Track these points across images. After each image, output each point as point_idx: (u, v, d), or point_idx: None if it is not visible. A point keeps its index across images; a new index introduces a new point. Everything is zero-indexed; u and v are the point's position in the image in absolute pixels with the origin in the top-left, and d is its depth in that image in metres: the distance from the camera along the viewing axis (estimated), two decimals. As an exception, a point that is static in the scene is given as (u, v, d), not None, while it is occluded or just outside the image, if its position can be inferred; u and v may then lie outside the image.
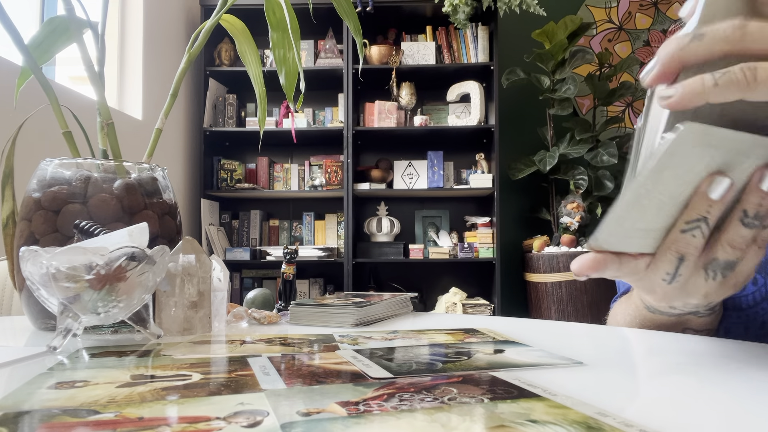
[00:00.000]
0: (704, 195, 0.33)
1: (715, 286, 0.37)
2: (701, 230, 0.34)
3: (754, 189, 0.33)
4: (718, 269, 0.36)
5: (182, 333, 0.53)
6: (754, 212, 0.33)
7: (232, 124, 2.97)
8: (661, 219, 0.34)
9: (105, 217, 0.53)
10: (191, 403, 0.29)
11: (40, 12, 2.10)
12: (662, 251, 0.35)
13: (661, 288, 0.37)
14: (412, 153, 3.13)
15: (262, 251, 2.89)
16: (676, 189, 0.33)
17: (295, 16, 0.68)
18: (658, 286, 0.37)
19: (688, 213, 0.34)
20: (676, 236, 0.34)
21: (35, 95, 0.92)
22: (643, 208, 0.33)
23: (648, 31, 3.24)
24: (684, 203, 0.34)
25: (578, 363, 0.39)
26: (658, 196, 0.33)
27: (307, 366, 0.38)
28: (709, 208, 0.33)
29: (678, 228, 0.34)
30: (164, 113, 0.66)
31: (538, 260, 2.71)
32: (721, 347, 0.44)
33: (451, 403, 0.29)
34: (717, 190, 0.32)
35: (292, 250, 0.73)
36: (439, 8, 2.80)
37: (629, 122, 3.22)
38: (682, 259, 0.35)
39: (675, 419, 0.27)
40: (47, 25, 0.65)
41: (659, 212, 0.34)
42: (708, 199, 0.33)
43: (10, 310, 0.95)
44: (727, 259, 0.35)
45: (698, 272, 0.36)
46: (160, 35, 2.64)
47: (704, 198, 0.33)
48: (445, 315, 0.69)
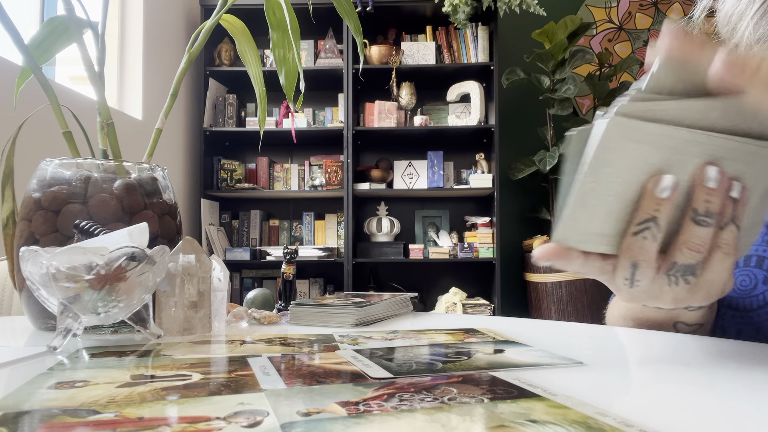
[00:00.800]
0: (651, 194, 0.33)
1: (684, 292, 0.37)
2: (652, 232, 0.34)
3: (699, 186, 0.34)
4: (679, 274, 0.36)
5: (182, 333, 0.53)
6: (704, 209, 0.34)
7: (232, 124, 2.97)
8: (614, 222, 0.35)
9: (105, 217, 0.53)
10: (191, 403, 0.29)
11: (40, 12, 2.10)
12: (619, 256, 0.36)
13: (625, 290, 0.38)
14: (412, 153, 3.13)
15: (262, 251, 2.89)
16: (620, 189, 0.33)
17: (295, 16, 0.68)
18: (621, 288, 0.38)
19: (637, 214, 0.34)
20: (629, 241, 0.35)
21: (35, 95, 0.92)
22: (592, 208, 0.34)
23: (648, 31, 3.24)
24: (633, 206, 0.34)
25: (578, 363, 0.39)
26: (604, 196, 0.33)
27: (307, 366, 0.38)
28: (658, 206, 0.34)
29: (630, 231, 0.35)
30: (164, 113, 0.66)
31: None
32: (721, 347, 0.44)
33: (451, 403, 0.29)
34: (662, 187, 0.33)
35: (292, 250, 0.73)
36: (439, 8, 2.80)
37: (629, 122, 3.21)
38: (636, 266, 0.35)
39: (675, 419, 0.27)
40: (47, 25, 0.65)
41: (609, 214, 0.34)
42: (655, 198, 0.33)
43: (10, 310, 0.95)
44: (686, 262, 0.35)
45: (661, 278, 0.36)
46: (160, 35, 2.64)
47: (651, 197, 0.33)
48: (445, 315, 0.69)
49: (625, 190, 0.34)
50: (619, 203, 0.34)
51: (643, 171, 0.33)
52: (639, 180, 0.33)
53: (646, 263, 0.35)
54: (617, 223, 0.35)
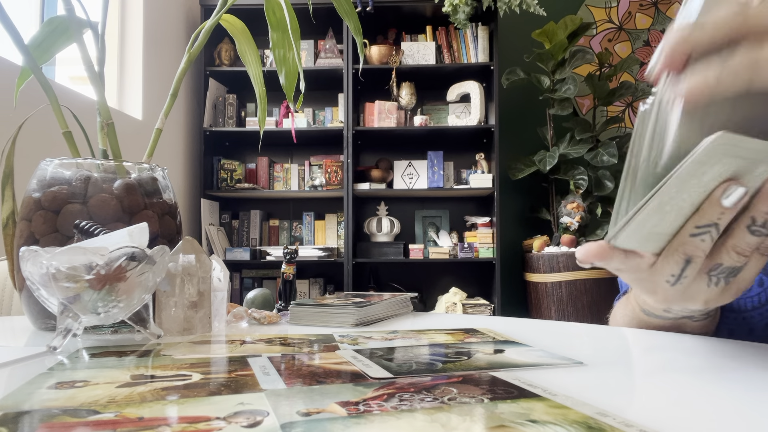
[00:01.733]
0: (717, 202, 0.32)
1: (717, 292, 0.36)
2: (711, 235, 0.33)
3: (765, 198, 0.32)
4: (722, 275, 0.35)
5: (182, 333, 0.53)
6: (763, 220, 0.33)
7: (232, 124, 2.97)
8: (676, 222, 0.34)
9: (105, 217, 0.53)
10: (191, 403, 0.29)
11: (40, 12, 2.10)
12: (669, 252, 0.35)
13: (663, 289, 0.37)
14: (412, 153, 3.13)
15: (262, 251, 2.89)
16: (695, 195, 0.32)
17: (295, 16, 0.68)
18: (660, 287, 0.36)
19: (699, 218, 0.33)
20: (684, 239, 0.34)
21: (35, 95, 0.92)
22: (665, 213, 0.33)
23: (648, 31, 3.24)
24: (697, 207, 0.33)
25: (578, 363, 0.39)
26: (679, 202, 0.32)
27: (307, 366, 0.38)
28: (721, 215, 0.32)
29: (687, 231, 0.34)
30: (164, 113, 0.66)
31: (538, 260, 2.71)
32: (720, 347, 0.44)
33: (451, 403, 0.29)
34: (731, 198, 0.32)
35: (292, 250, 0.73)
36: (439, 8, 2.80)
37: (629, 122, 3.22)
38: (689, 261, 0.34)
39: (675, 419, 0.27)
40: (47, 25, 0.65)
41: (675, 219, 0.33)
42: (721, 206, 0.32)
43: (10, 310, 0.95)
44: (731, 265, 0.35)
45: (701, 277, 0.36)
46: (160, 35, 2.64)
47: (717, 205, 0.32)
48: (445, 315, 0.69)
49: (695, 198, 0.33)
50: (689, 208, 0.33)
51: (717, 179, 0.32)
52: (710, 187, 0.32)
53: (699, 259, 0.34)
54: (675, 224, 0.34)
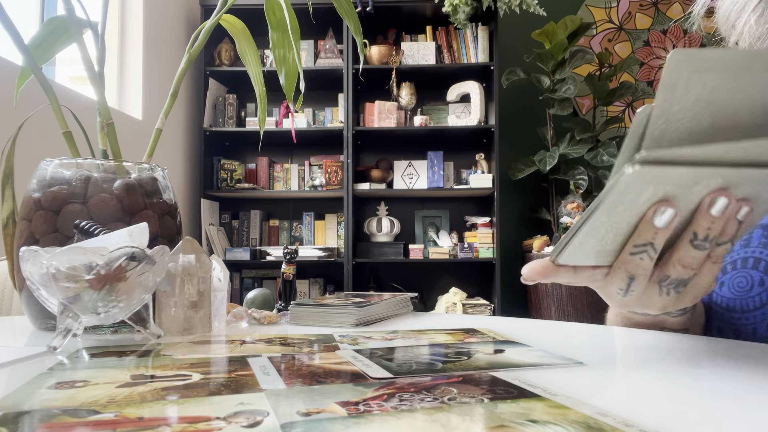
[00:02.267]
0: (650, 222, 0.34)
1: (671, 300, 0.38)
2: (648, 254, 0.35)
3: (704, 213, 0.33)
4: (671, 286, 0.37)
5: (182, 333, 0.53)
6: (704, 235, 0.34)
7: (232, 124, 2.97)
8: (615, 241, 0.36)
9: (105, 217, 0.53)
10: (191, 403, 0.29)
11: (40, 12, 2.10)
12: (615, 269, 0.37)
13: (617, 299, 0.39)
14: (412, 153, 3.13)
15: (262, 251, 2.89)
16: (629, 218, 0.34)
17: (295, 16, 0.68)
18: (614, 296, 0.39)
19: (635, 237, 0.35)
20: (626, 257, 0.36)
21: (35, 95, 0.92)
22: (600, 235, 0.35)
23: (648, 31, 3.24)
24: (633, 227, 0.35)
25: (578, 363, 0.39)
26: (613, 225, 0.34)
27: (307, 366, 0.38)
28: (655, 234, 0.34)
29: (627, 250, 0.36)
30: (164, 113, 0.66)
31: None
32: (720, 347, 0.44)
33: (451, 403, 0.29)
34: (662, 219, 0.33)
35: (292, 250, 0.73)
36: (439, 8, 2.80)
37: (629, 122, 3.22)
38: (633, 278, 0.36)
39: (674, 419, 0.27)
40: (47, 25, 0.65)
41: (613, 238, 0.35)
42: (654, 226, 0.34)
43: (10, 310, 0.95)
44: (678, 277, 0.36)
45: (652, 287, 0.37)
46: (160, 35, 2.64)
47: (650, 225, 0.34)
48: (445, 315, 0.69)
49: (631, 218, 0.34)
50: (624, 229, 0.35)
51: (650, 201, 0.33)
52: (644, 208, 0.33)
53: (642, 276, 0.36)
54: (616, 242, 0.36)
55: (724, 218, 0.33)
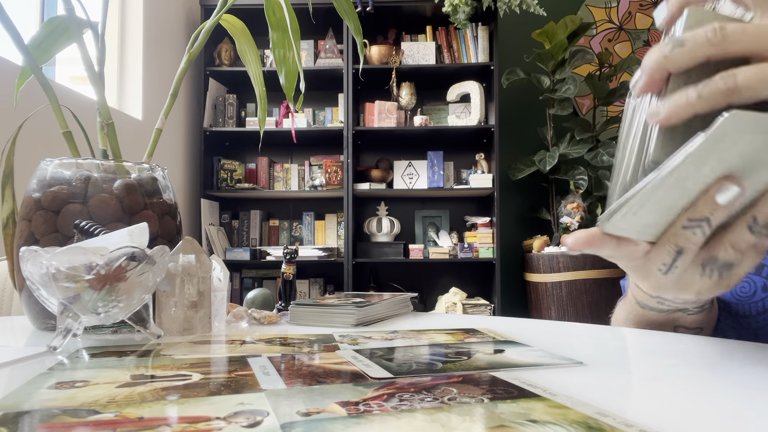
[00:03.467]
0: (711, 197, 0.32)
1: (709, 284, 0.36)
2: (702, 229, 0.34)
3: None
4: (716, 268, 0.35)
5: (182, 333, 0.53)
6: (765, 221, 0.33)
7: (232, 124, 2.97)
8: (671, 213, 0.34)
9: (105, 217, 0.53)
10: (191, 403, 0.29)
11: (40, 12, 2.10)
12: (662, 242, 0.35)
13: (655, 277, 0.37)
14: (412, 153, 3.13)
15: (262, 251, 2.89)
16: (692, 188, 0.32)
17: (295, 16, 0.68)
18: (652, 274, 0.37)
19: (692, 211, 0.33)
20: (677, 230, 0.34)
21: (35, 95, 0.92)
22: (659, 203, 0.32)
23: (648, 31, 3.24)
24: (692, 200, 0.33)
25: (578, 363, 0.39)
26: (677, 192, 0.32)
27: (307, 366, 0.38)
28: (714, 211, 0.33)
29: (680, 223, 0.34)
30: (164, 113, 0.66)
31: (538, 260, 2.71)
32: (721, 347, 0.44)
33: (451, 403, 0.29)
34: (724, 195, 0.32)
35: (292, 250, 0.73)
36: (439, 8, 2.80)
37: (629, 122, 3.21)
38: (681, 252, 0.35)
39: (675, 419, 0.27)
40: (47, 25, 0.65)
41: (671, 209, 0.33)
42: (714, 202, 0.32)
43: (10, 310, 0.95)
44: (727, 260, 0.35)
45: (695, 268, 0.36)
46: (160, 35, 2.64)
47: (710, 200, 0.32)
48: (445, 315, 0.69)
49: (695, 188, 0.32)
50: (685, 200, 0.33)
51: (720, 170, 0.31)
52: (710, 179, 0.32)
53: (690, 252, 0.35)
54: (672, 214, 0.34)
55: None
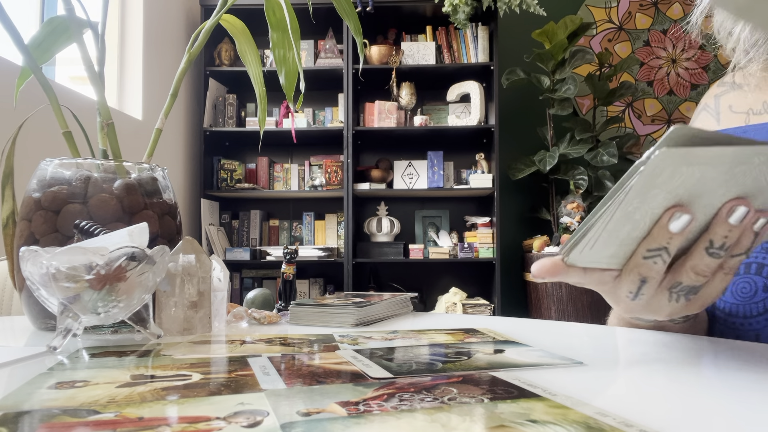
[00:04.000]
0: (664, 227, 0.33)
1: (679, 306, 0.38)
2: (662, 258, 0.35)
3: (722, 222, 0.33)
4: (682, 293, 0.37)
5: (182, 333, 0.53)
6: (720, 243, 0.34)
7: (232, 124, 2.97)
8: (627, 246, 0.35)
9: (105, 217, 0.53)
10: (191, 403, 0.29)
11: (40, 12, 2.10)
12: (626, 272, 0.36)
13: (625, 302, 0.38)
14: (412, 153, 3.13)
15: (262, 251, 2.89)
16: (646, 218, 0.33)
17: (295, 16, 0.68)
18: (622, 299, 0.38)
19: (649, 241, 0.34)
20: (638, 260, 0.35)
21: (35, 95, 0.92)
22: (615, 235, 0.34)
23: (648, 31, 3.24)
24: (647, 230, 0.34)
25: (578, 363, 0.39)
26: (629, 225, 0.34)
27: (307, 366, 0.38)
28: (670, 239, 0.34)
29: (640, 254, 0.35)
30: (164, 113, 0.66)
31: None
32: (721, 347, 0.44)
33: (451, 403, 0.29)
34: (677, 224, 0.33)
35: (292, 250, 0.73)
36: (439, 8, 2.80)
37: (629, 122, 3.22)
38: (645, 281, 0.36)
39: (675, 419, 0.27)
40: (47, 25, 0.65)
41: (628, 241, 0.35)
42: (668, 231, 0.33)
43: (10, 310, 0.95)
44: (690, 284, 0.36)
45: (662, 293, 0.37)
46: (160, 35, 2.64)
47: (665, 229, 0.33)
48: (445, 315, 0.69)
49: (647, 219, 0.34)
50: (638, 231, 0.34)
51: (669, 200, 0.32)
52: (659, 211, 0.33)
53: (654, 280, 0.36)
54: (629, 246, 0.35)
55: (741, 228, 0.33)
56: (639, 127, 3.21)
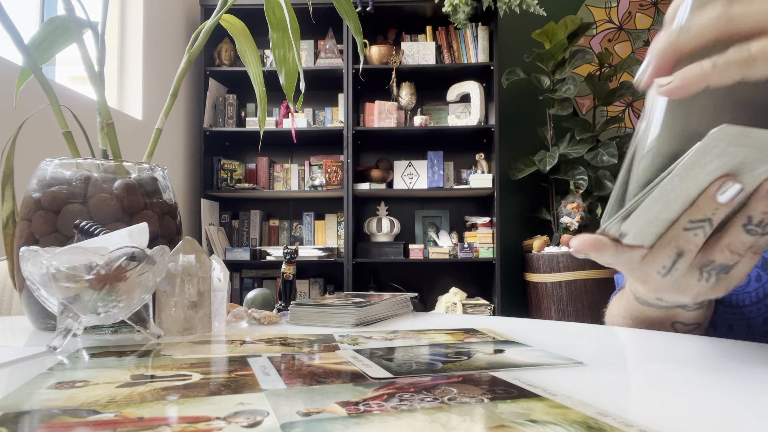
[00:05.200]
0: (712, 197, 0.32)
1: (707, 287, 0.37)
2: (704, 230, 0.34)
3: (764, 197, 0.32)
4: (713, 272, 0.36)
5: (182, 333, 0.53)
6: (759, 220, 0.33)
7: (232, 124, 2.97)
8: (671, 215, 0.34)
9: (105, 217, 0.53)
10: (191, 403, 0.29)
11: (40, 12, 2.10)
12: (662, 245, 0.35)
13: (654, 280, 0.37)
14: (412, 153, 3.13)
15: (262, 251, 2.89)
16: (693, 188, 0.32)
17: (295, 16, 0.68)
18: (651, 277, 0.37)
19: (693, 212, 0.33)
20: (678, 232, 0.34)
21: (35, 95, 0.92)
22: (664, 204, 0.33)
23: (648, 31, 3.24)
24: (691, 201, 0.33)
25: (578, 363, 0.39)
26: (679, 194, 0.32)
27: (307, 366, 0.38)
28: (716, 210, 0.32)
29: (681, 225, 0.34)
30: (164, 113, 0.66)
31: (538, 260, 2.71)
32: (721, 347, 0.44)
33: (451, 403, 0.29)
34: (726, 194, 0.32)
35: (292, 250, 0.73)
36: (439, 8, 2.80)
37: (629, 122, 3.22)
38: (681, 255, 0.35)
39: (675, 419, 0.27)
40: (47, 25, 0.65)
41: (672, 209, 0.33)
42: (716, 201, 0.32)
43: (10, 310, 0.95)
44: (724, 262, 0.35)
45: (693, 272, 0.36)
46: (160, 35, 2.64)
47: (712, 200, 0.32)
48: (445, 315, 0.69)
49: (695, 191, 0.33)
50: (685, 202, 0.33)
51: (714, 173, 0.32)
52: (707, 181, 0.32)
53: (690, 254, 0.34)
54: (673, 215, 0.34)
55: None
56: (639, 127, 3.20)
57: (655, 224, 0.34)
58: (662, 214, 0.33)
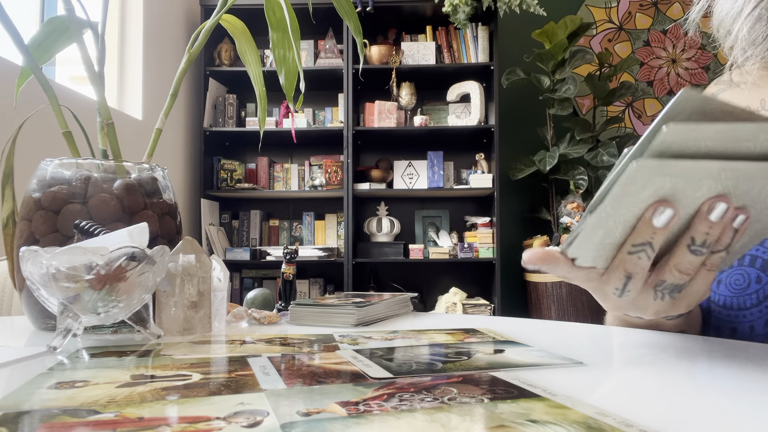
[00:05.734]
0: (648, 222, 0.34)
1: (665, 305, 0.38)
2: (646, 253, 0.35)
3: (703, 219, 0.34)
4: (666, 291, 0.37)
5: (182, 333, 0.53)
6: (702, 240, 0.35)
7: (232, 124, 2.97)
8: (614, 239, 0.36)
9: (105, 217, 0.53)
10: (191, 403, 0.29)
11: (40, 12, 2.10)
12: (612, 268, 0.37)
13: (612, 299, 0.39)
14: (412, 153, 3.13)
15: (262, 251, 2.89)
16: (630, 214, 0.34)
17: (295, 16, 0.68)
18: (609, 296, 0.39)
19: (634, 237, 0.35)
20: (624, 256, 0.36)
21: (35, 95, 0.92)
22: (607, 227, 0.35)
23: (648, 31, 3.24)
24: (632, 227, 0.35)
25: (578, 363, 0.39)
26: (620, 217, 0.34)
27: (307, 366, 0.38)
28: (653, 234, 0.34)
29: (626, 249, 0.36)
30: (164, 113, 0.66)
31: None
32: (720, 347, 0.44)
33: (451, 403, 0.29)
34: (661, 218, 0.34)
35: (292, 250, 0.73)
36: (439, 8, 2.80)
37: (629, 122, 3.22)
38: (630, 277, 0.37)
39: (675, 419, 0.27)
40: (47, 25, 0.65)
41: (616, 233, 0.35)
42: (652, 226, 0.34)
43: (10, 310, 0.95)
44: (674, 282, 0.37)
45: (648, 291, 0.38)
46: (160, 35, 2.64)
47: (648, 225, 0.34)
48: (445, 315, 0.69)
49: (631, 217, 0.34)
50: (624, 225, 0.35)
51: (650, 199, 0.33)
52: (643, 206, 0.34)
53: (639, 276, 0.36)
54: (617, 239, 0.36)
55: (721, 225, 0.34)
56: (639, 127, 3.21)
57: (603, 248, 0.36)
58: (606, 238, 0.35)
